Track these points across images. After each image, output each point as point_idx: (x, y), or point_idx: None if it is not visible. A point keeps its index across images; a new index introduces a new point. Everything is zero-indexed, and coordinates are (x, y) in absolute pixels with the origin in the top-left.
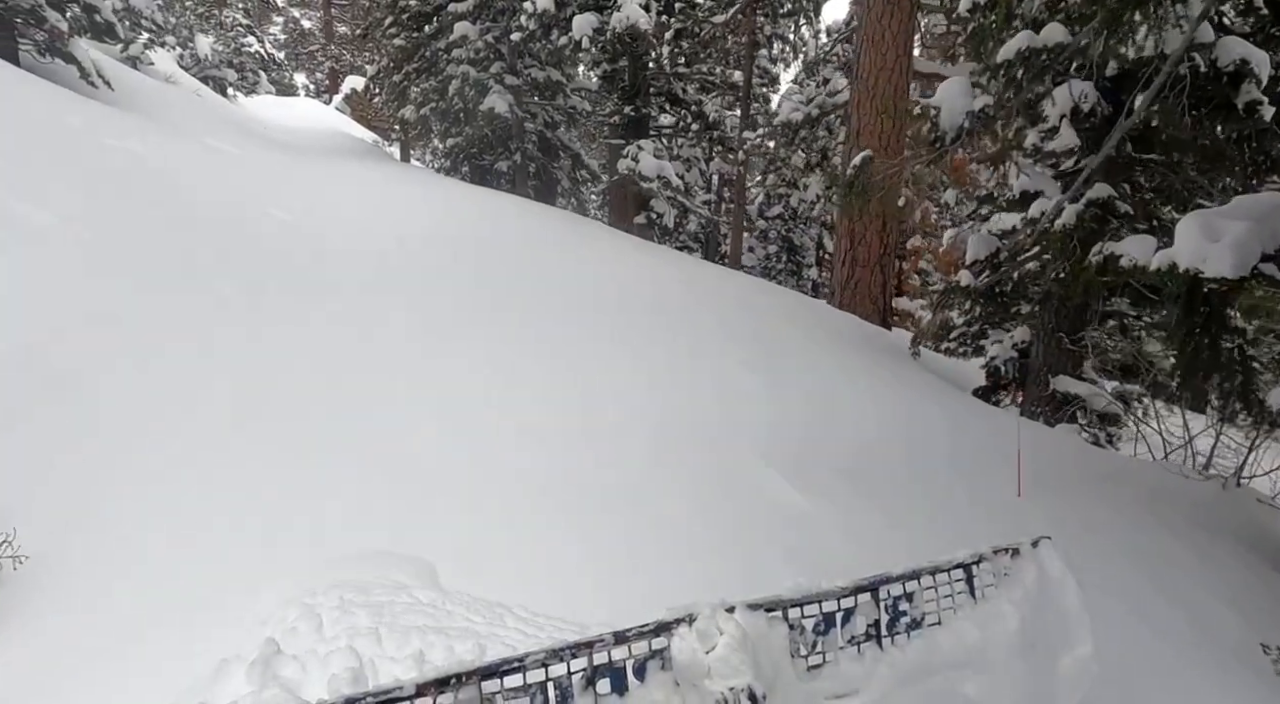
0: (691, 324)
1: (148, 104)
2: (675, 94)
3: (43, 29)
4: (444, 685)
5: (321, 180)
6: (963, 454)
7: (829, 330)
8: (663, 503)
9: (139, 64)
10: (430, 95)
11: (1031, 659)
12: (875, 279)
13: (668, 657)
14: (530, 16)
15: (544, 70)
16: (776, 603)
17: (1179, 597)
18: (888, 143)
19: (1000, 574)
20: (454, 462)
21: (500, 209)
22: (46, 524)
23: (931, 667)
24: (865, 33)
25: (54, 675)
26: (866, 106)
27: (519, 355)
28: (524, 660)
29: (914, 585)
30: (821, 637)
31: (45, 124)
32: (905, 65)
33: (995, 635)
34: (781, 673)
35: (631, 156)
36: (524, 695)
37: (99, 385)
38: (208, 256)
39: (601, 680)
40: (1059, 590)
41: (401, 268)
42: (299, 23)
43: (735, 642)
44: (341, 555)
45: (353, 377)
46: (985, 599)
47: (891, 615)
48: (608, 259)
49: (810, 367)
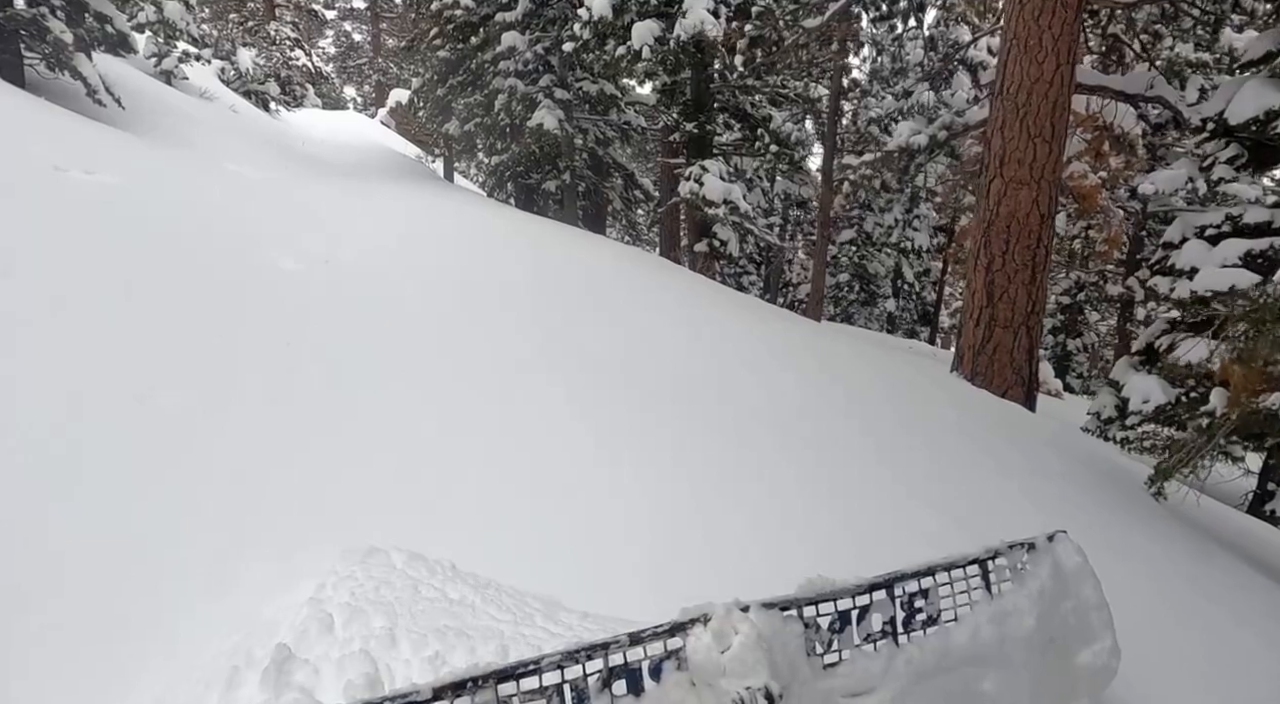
0: (834, 442)
1: (169, 123)
2: (742, 109)
3: (45, 41)
4: (460, 689)
5: (352, 208)
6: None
7: (987, 423)
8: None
9: (173, 79)
10: (475, 110)
11: (1050, 654)
12: (1020, 344)
13: (683, 657)
14: (585, 25)
15: (596, 83)
16: (791, 601)
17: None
18: (1041, 174)
19: (1016, 569)
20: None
21: (568, 243)
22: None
23: (948, 664)
24: (1014, 36)
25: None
26: (1014, 128)
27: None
28: (540, 663)
29: (929, 582)
30: (837, 635)
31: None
32: (1067, 77)
33: (1012, 631)
34: (797, 671)
35: (694, 178)
36: (540, 698)
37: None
38: (161, 344)
39: (618, 682)
40: (1077, 584)
41: (447, 344)
42: (350, 36)
43: (750, 641)
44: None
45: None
46: (1001, 595)
47: (907, 612)
48: (731, 337)
49: (1012, 510)
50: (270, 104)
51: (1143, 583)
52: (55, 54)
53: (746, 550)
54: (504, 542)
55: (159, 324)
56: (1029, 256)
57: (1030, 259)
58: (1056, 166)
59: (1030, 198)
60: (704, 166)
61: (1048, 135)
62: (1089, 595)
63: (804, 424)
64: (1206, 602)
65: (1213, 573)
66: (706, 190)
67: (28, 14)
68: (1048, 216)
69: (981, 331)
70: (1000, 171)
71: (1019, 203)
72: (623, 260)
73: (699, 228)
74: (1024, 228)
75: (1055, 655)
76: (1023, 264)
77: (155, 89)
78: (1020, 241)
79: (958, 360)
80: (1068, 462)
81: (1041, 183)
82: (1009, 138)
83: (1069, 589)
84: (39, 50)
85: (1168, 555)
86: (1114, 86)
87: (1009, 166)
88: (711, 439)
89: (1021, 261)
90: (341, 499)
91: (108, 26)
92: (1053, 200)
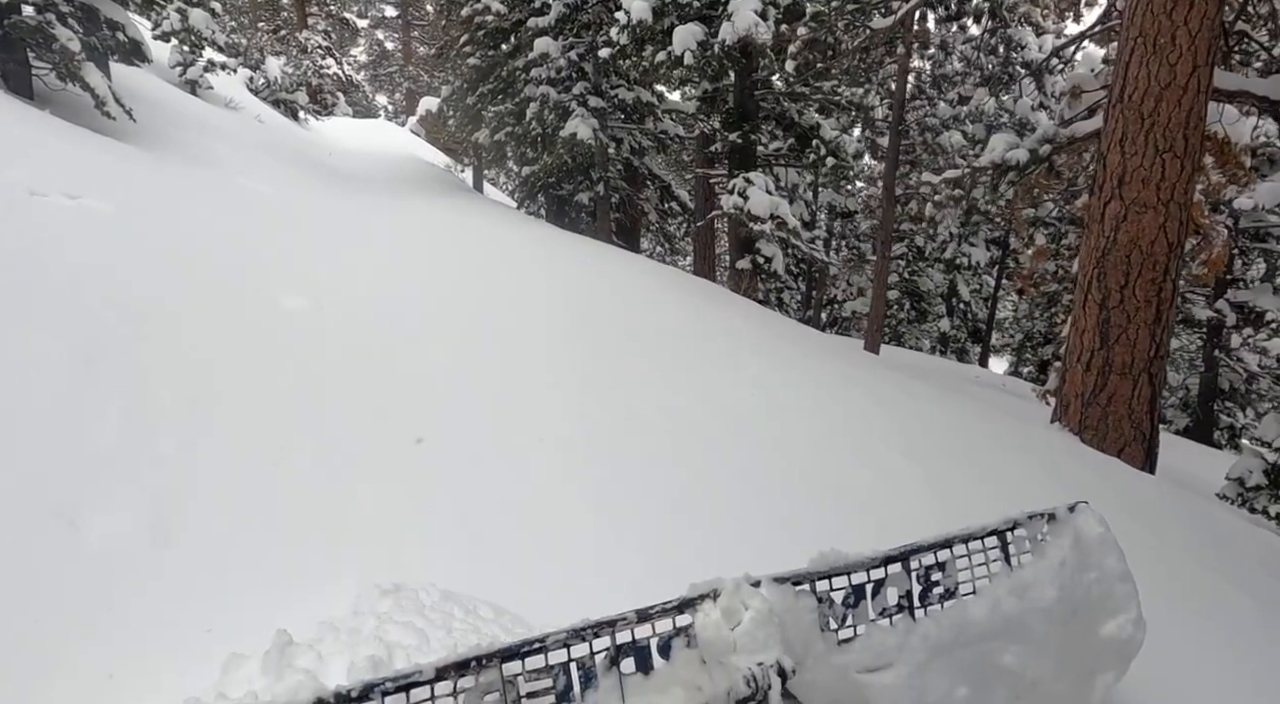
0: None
1: (186, 137)
2: (789, 117)
3: (51, 49)
4: (464, 669)
5: (373, 227)
6: None
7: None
8: None
9: (198, 89)
10: (506, 119)
11: (1073, 627)
12: (1140, 393)
13: (693, 634)
14: (622, 29)
15: (632, 90)
16: (803, 576)
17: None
18: (1171, 195)
19: (1036, 540)
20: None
21: (608, 270)
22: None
23: (967, 638)
24: (1139, 34)
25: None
26: (1137, 142)
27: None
28: (545, 641)
29: (946, 554)
30: (851, 610)
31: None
32: (1205, 81)
33: (1033, 603)
34: (811, 647)
35: (738, 191)
36: (546, 676)
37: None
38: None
39: (625, 659)
40: (1100, 555)
41: (478, 419)
42: (383, 44)
43: (761, 616)
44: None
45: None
46: (1021, 567)
47: (924, 586)
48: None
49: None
50: (299, 113)
51: None
52: (63, 63)
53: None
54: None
55: (116, 407)
56: (1153, 292)
57: (1155, 295)
58: (1189, 187)
59: (1156, 223)
60: (748, 179)
61: (1179, 150)
62: (1113, 566)
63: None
64: None
65: None
66: (751, 205)
67: (33, 21)
68: (1176, 245)
69: (1093, 378)
70: (1119, 192)
71: (1142, 229)
72: (670, 291)
73: (741, 244)
74: (1148, 258)
75: (1079, 628)
76: (1145, 301)
77: (178, 100)
78: (1143, 274)
79: (1061, 411)
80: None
81: (1170, 206)
82: (1130, 153)
83: (1091, 560)
84: (48, 59)
85: None
86: (1257, 91)
87: (1130, 186)
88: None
89: (1144, 298)
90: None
91: (119, 34)
92: (1183, 226)
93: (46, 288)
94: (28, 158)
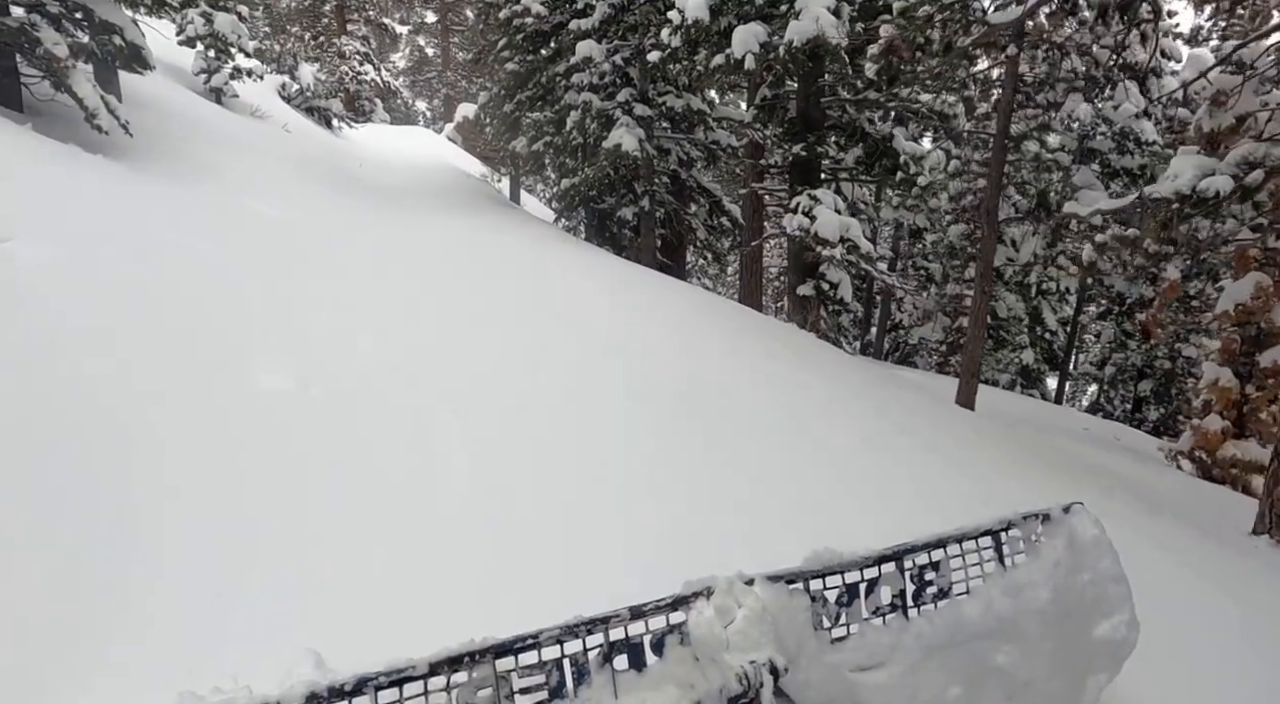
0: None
1: (195, 151)
2: (859, 127)
3: (37, 54)
4: (457, 664)
5: (392, 260)
6: None
7: None
8: None
9: (223, 97)
10: (545, 127)
11: (1067, 627)
12: None
13: (686, 631)
14: (674, 30)
15: (682, 97)
16: (797, 574)
17: None
18: None
19: (1030, 541)
20: None
21: (663, 315)
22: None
23: (960, 637)
24: None
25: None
26: None
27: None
28: (539, 637)
29: (939, 554)
30: (845, 608)
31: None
32: None
33: (1026, 604)
34: (804, 645)
35: (803, 210)
36: (539, 673)
37: None
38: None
39: (619, 656)
40: (1095, 556)
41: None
42: (423, 49)
43: (754, 615)
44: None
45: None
46: (1015, 567)
47: (917, 585)
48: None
49: None
50: (332, 121)
51: None
52: (49, 70)
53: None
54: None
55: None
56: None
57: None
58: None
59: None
60: (814, 197)
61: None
62: (1107, 567)
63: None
64: None
65: None
66: (819, 226)
67: (15, 23)
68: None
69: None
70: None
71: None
72: (745, 336)
73: (804, 268)
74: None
75: (1072, 628)
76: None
77: (196, 109)
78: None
79: (1271, 520)
80: None
81: None
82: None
83: (1086, 561)
84: (36, 65)
85: None
86: None
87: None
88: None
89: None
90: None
91: (116, 38)
92: None
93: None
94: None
